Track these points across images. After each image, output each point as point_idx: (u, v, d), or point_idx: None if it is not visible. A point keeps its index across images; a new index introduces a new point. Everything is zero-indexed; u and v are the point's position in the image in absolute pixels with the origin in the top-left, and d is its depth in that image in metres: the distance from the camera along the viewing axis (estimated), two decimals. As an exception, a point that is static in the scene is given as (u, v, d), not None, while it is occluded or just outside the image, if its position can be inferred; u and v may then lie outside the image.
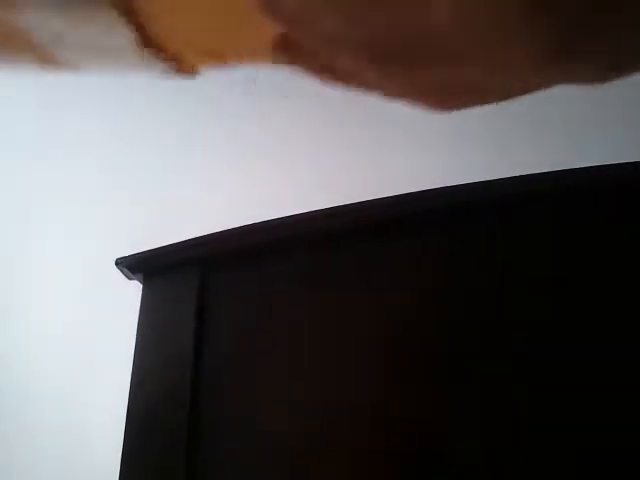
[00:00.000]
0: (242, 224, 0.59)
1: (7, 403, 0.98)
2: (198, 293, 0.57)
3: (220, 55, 0.25)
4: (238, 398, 0.53)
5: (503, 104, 0.24)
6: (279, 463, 0.50)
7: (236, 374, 0.54)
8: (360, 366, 0.50)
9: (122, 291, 0.72)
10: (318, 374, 0.51)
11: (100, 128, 1.17)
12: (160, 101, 1.16)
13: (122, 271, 0.61)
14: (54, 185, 1.14)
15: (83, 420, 0.94)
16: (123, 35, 0.22)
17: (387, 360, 0.50)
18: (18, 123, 1.22)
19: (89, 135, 1.17)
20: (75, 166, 1.15)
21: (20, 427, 0.96)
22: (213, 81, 1.16)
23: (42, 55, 0.25)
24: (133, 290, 0.62)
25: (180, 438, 0.52)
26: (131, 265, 0.60)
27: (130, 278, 0.61)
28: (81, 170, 1.14)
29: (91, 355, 0.97)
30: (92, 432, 0.93)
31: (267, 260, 0.57)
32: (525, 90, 0.24)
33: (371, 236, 0.55)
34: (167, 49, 0.24)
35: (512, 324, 0.48)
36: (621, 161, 0.50)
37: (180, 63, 0.25)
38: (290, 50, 0.21)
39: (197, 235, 0.60)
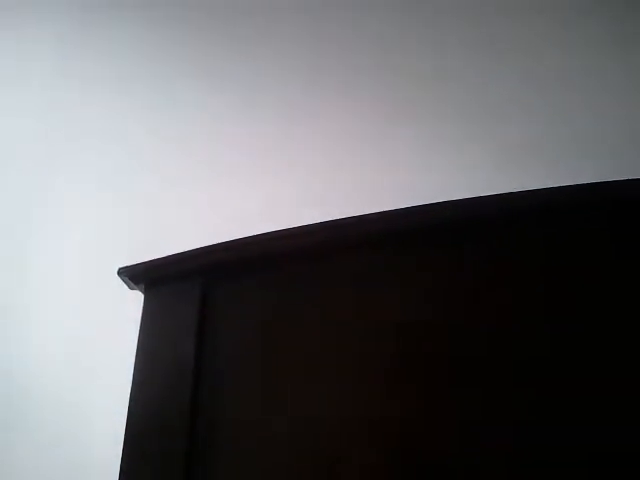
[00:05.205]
0: (243, 235, 0.59)
1: (9, 410, 0.98)
2: (199, 303, 0.57)
3: None
4: (237, 407, 0.53)
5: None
6: (279, 465, 0.50)
7: (236, 383, 0.54)
8: (359, 370, 0.51)
9: (124, 300, 0.72)
10: (317, 377, 0.51)
11: (102, 133, 1.18)
12: (161, 113, 1.17)
13: (124, 280, 0.61)
14: (55, 194, 1.14)
15: (84, 426, 0.94)
16: None
17: (390, 362, 0.50)
18: (20, 126, 1.23)
19: (90, 142, 1.18)
20: (76, 173, 1.15)
21: (22, 433, 0.96)
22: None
23: None
24: (135, 299, 0.62)
25: (180, 445, 0.52)
26: (133, 275, 0.60)
27: (132, 288, 0.62)
28: (82, 177, 1.15)
29: (92, 362, 0.98)
30: (92, 438, 0.93)
31: (267, 270, 0.57)
32: None
33: (370, 246, 0.55)
34: None
35: (513, 327, 0.48)
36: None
37: None
38: None
39: (199, 246, 0.60)
